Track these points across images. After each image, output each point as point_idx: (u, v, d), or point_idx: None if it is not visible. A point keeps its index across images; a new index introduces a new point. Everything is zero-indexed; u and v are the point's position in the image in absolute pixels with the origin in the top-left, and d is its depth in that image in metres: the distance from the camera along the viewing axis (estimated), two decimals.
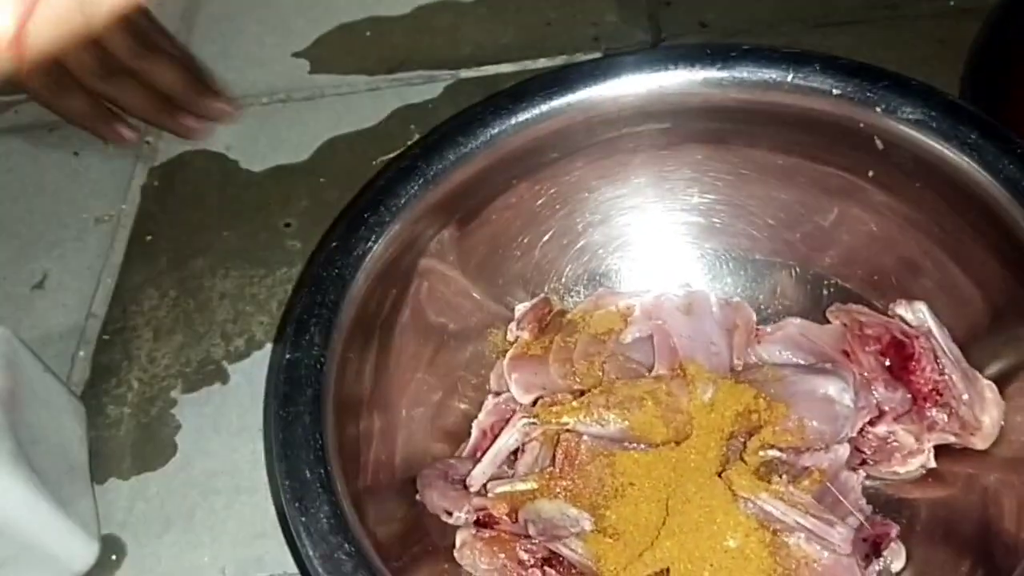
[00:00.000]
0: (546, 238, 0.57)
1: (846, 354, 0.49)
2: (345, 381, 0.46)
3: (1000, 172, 0.43)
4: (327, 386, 0.43)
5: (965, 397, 0.45)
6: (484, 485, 0.50)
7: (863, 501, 0.47)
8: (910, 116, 0.45)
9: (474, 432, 0.52)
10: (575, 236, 0.57)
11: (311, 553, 0.38)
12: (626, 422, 0.47)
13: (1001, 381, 0.46)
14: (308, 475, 0.40)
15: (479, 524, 0.49)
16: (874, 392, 0.48)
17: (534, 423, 0.48)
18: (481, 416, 0.53)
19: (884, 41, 0.68)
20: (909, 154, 0.46)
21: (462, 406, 0.55)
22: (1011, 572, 0.36)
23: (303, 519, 0.38)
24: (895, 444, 0.47)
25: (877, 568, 0.44)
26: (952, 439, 0.46)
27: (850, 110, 0.47)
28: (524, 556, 0.48)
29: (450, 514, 0.49)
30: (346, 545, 0.38)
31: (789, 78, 0.48)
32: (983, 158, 0.43)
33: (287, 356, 0.43)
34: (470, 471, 0.48)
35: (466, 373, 0.56)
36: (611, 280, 0.57)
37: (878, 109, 0.46)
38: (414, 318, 0.51)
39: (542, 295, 0.57)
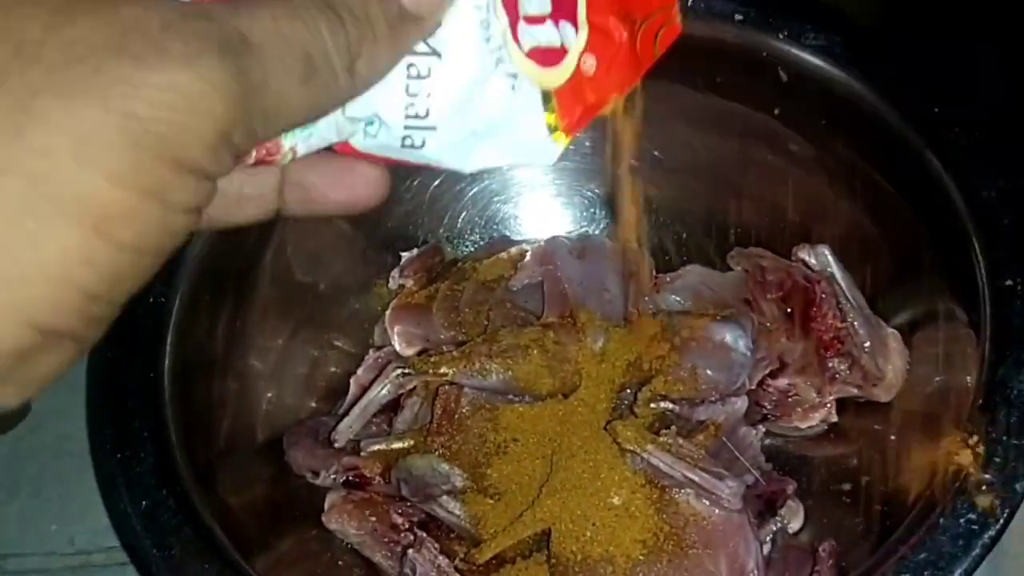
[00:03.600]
0: (437, 182, 0.53)
1: (748, 303, 0.46)
2: (194, 333, 0.42)
3: (904, 102, 0.40)
4: (167, 327, 0.38)
5: (867, 345, 0.42)
6: (358, 444, 0.45)
7: (761, 458, 0.44)
8: (814, 43, 0.42)
9: (352, 388, 0.48)
10: (469, 181, 0.53)
11: (130, 509, 0.33)
12: (510, 372, 0.43)
13: (906, 330, 0.44)
14: (136, 423, 0.35)
15: (350, 486, 0.45)
16: (775, 343, 0.45)
17: (409, 374, 0.44)
18: (360, 371, 0.48)
19: None
20: (814, 86, 0.43)
21: (342, 363, 0.51)
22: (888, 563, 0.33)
23: (124, 469, 0.34)
24: (796, 398, 0.45)
25: (773, 528, 0.41)
26: (855, 391, 0.44)
27: (753, 37, 0.44)
28: (398, 519, 0.44)
29: (316, 474, 0.44)
30: (171, 500, 0.33)
31: (690, 2, 0.44)
32: (887, 87, 0.40)
33: None
34: (336, 429, 0.44)
35: (347, 328, 0.52)
36: (507, 227, 0.54)
37: (781, 35, 0.43)
38: (278, 273, 0.47)
39: (432, 242, 0.53)
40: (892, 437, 0.43)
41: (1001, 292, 0.35)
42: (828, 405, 0.44)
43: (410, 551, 0.40)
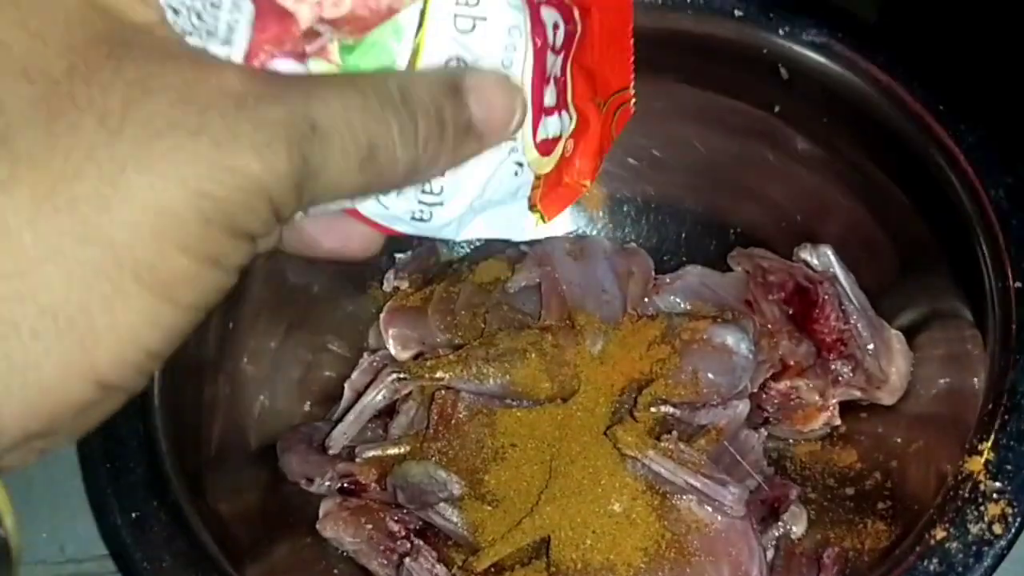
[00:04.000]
0: None
1: (749, 304, 0.45)
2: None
3: (907, 100, 0.39)
4: None
5: (871, 347, 0.41)
6: (353, 450, 0.45)
7: (764, 463, 0.43)
8: (815, 39, 0.41)
9: (346, 392, 0.47)
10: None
11: (119, 521, 0.32)
12: (507, 377, 0.42)
13: (911, 332, 0.43)
14: (124, 432, 0.34)
15: (345, 493, 0.44)
16: (777, 345, 0.44)
17: (404, 378, 0.43)
18: (354, 375, 0.48)
19: None
20: (814, 83, 0.42)
21: (336, 367, 0.50)
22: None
23: (114, 480, 0.33)
24: (799, 401, 0.44)
25: (776, 533, 0.41)
26: (858, 394, 0.43)
27: (753, 34, 0.43)
28: (394, 527, 0.43)
29: (311, 481, 0.44)
30: (162, 511, 0.33)
31: None
32: (889, 85, 0.40)
33: None
34: (330, 436, 0.43)
35: (342, 330, 0.51)
36: None
37: (781, 32, 0.42)
38: (270, 274, 0.46)
39: (427, 244, 0.52)
40: (897, 441, 0.42)
41: (1008, 294, 0.34)
42: (831, 408, 0.43)
43: (407, 560, 0.40)
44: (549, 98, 0.28)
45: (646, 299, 0.46)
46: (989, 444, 0.31)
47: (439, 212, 0.27)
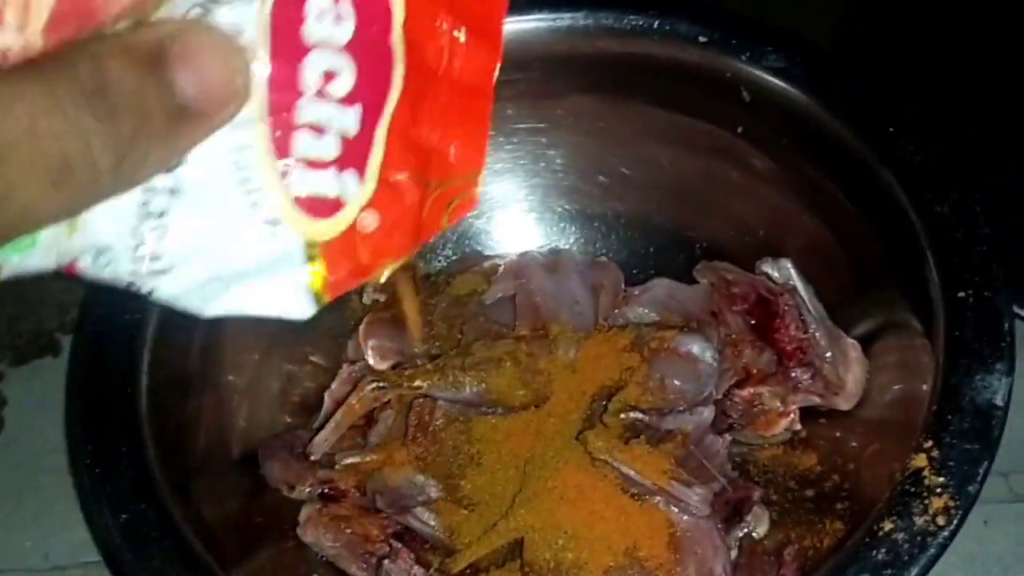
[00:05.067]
0: None
1: (714, 315, 0.47)
2: (170, 349, 0.42)
3: (859, 121, 0.42)
4: (144, 343, 0.39)
5: (828, 355, 0.44)
6: (333, 457, 0.46)
7: (728, 466, 0.45)
8: (774, 64, 0.44)
9: (326, 402, 0.49)
10: None
11: (110, 522, 0.33)
12: (483, 385, 0.44)
13: (866, 341, 0.45)
14: (113, 440, 0.36)
15: (325, 498, 0.45)
16: (740, 354, 0.46)
17: (383, 387, 0.44)
18: (334, 385, 0.49)
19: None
20: (775, 106, 0.45)
21: (316, 378, 0.52)
22: (847, 562, 0.34)
23: (104, 484, 0.34)
24: (761, 407, 0.46)
25: (739, 533, 0.42)
26: (817, 400, 0.45)
27: (716, 59, 0.45)
28: (373, 531, 0.44)
29: (292, 488, 0.45)
30: (151, 513, 0.34)
31: (656, 25, 0.46)
32: (843, 107, 0.42)
33: (96, 312, 0.39)
34: (311, 443, 0.44)
35: (322, 343, 0.53)
36: (479, 242, 0.55)
37: (743, 57, 0.44)
38: None
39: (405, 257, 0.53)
40: (854, 445, 0.44)
41: (954, 303, 0.36)
42: (792, 414, 0.45)
43: (385, 562, 0.41)
44: (316, 149, 0.25)
45: (616, 310, 0.48)
46: (934, 443, 0.33)
47: (166, 283, 0.24)
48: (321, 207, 0.25)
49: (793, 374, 0.45)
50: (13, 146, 0.19)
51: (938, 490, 0.32)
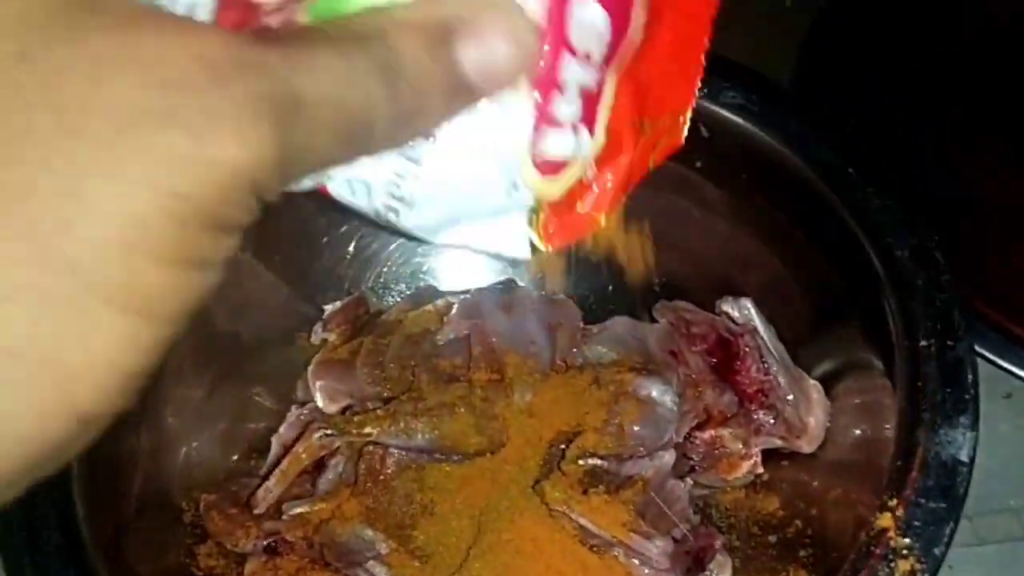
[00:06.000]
0: (361, 233, 0.52)
1: (674, 354, 0.46)
2: None
3: (819, 161, 0.41)
4: None
5: (790, 398, 0.43)
6: (279, 508, 0.44)
7: (690, 511, 0.44)
8: (732, 100, 0.43)
9: (273, 446, 0.47)
10: (394, 231, 0.52)
11: None
12: (436, 431, 0.42)
13: (828, 382, 0.44)
14: (40, 497, 0.33)
15: (271, 552, 0.43)
16: (701, 395, 0.45)
17: (331, 435, 0.42)
18: (282, 429, 0.47)
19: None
20: (732, 141, 0.44)
21: (264, 418, 0.50)
22: None
23: (31, 548, 0.32)
24: (723, 449, 0.45)
25: None
26: (779, 443, 0.44)
27: None
28: None
29: (237, 541, 0.43)
30: None
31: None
32: (802, 146, 0.41)
33: None
34: (255, 495, 0.42)
35: (271, 383, 0.51)
36: (434, 278, 0.53)
37: (702, 92, 0.43)
38: (197, 320, 0.45)
39: (356, 293, 0.52)
40: (816, 488, 0.43)
41: (915, 353, 0.35)
42: (754, 456, 0.44)
43: None
44: (562, 109, 0.24)
45: (574, 349, 0.47)
46: (898, 501, 0.32)
47: (406, 215, 0.25)
48: (555, 167, 0.25)
49: (755, 416, 0.44)
50: (318, 107, 0.20)
51: (904, 551, 0.31)
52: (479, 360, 0.45)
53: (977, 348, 0.43)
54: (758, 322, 0.44)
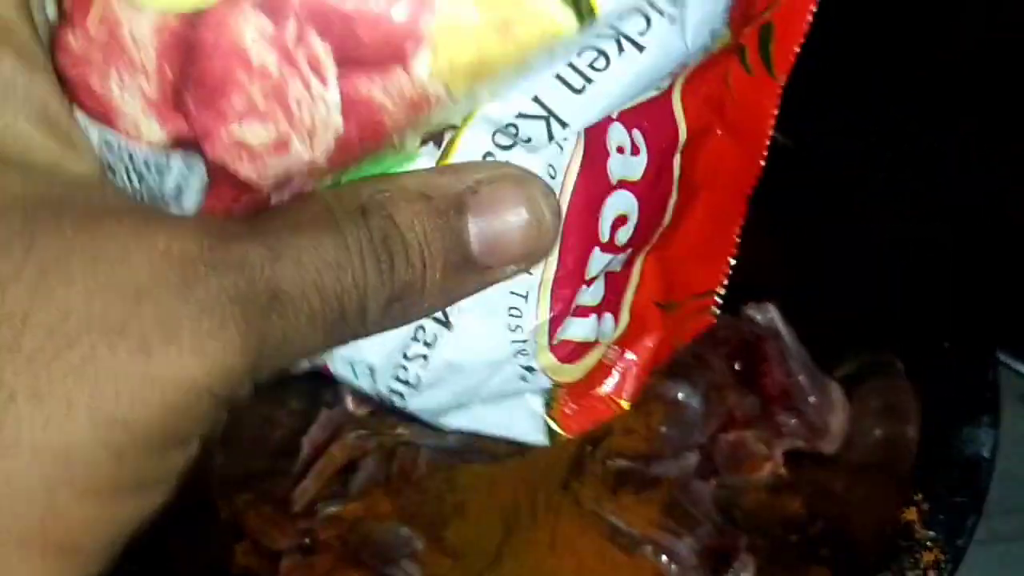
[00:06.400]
0: None
1: (697, 358, 0.47)
2: None
3: (841, 165, 0.42)
4: None
5: (812, 400, 0.44)
6: (313, 507, 0.45)
7: (713, 511, 0.45)
8: None
9: (304, 448, 0.48)
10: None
11: None
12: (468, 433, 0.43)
13: (848, 385, 0.45)
14: None
15: (305, 550, 0.44)
16: (725, 399, 0.46)
17: (366, 434, 0.44)
18: (312, 430, 0.48)
19: None
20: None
21: (293, 424, 0.51)
22: None
23: None
24: (745, 451, 0.46)
25: None
26: (801, 444, 0.45)
27: None
28: None
29: (272, 540, 0.44)
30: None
31: None
32: (823, 150, 0.42)
33: None
34: (292, 493, 0.44)
35: (298, 386, 0.52)
36: None
37: None
38: None
39: None
40: (837, 488, 0.44)
41: (938, 353, 0.36)
42: (776, 457, 0.45)
43: None
44: (586, 297, 0.23)
45: None
46: (923, 496, 0.33)
47: (412, 399, 0.23)
48: (575, 352, 0.24)
49: (778, 419, 0.45)
50: (300, 299, 0.18)
51: (928, 543, 0.32)
52: None
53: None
54: (781, 327, 0.45)
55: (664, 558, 0.40)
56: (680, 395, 0.43)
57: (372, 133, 0.19)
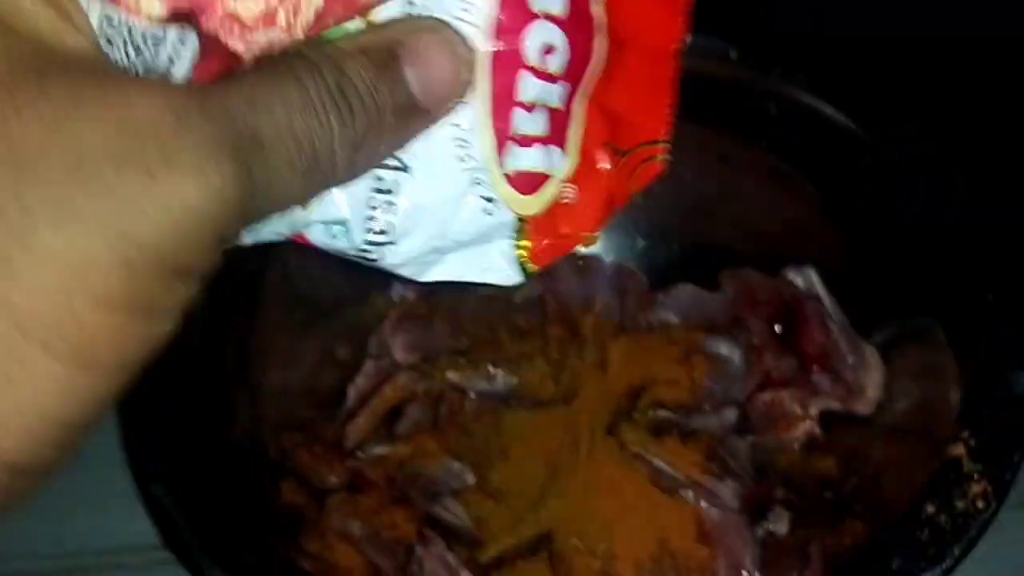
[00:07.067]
0: None
1: (737, 320, 0.48)
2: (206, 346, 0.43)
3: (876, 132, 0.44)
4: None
5: (850, 360, 0.45)
6: (361, 448, 0.46)
7: (749, 468, 0.46)
8: (800, 79, 0.46)
9: (350, 396, 0.49)
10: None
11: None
12: (515, 379, 0.45)
13: (884, 347, 0.46)
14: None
15: (353, 489, 0.45)
16: (762, 359, 0.47)
17: (417, 376, 0.45)
18: (359, 379, 0.50)
19: None
20: (800, 119, 0.47)
21: (339, 374, 0.52)
22: (892, 541, 0.35)
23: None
24: (781, 411, 0.47)
25: (760, 532, 0.43)
26: (837, 405, 0.46)
27: (744, 73, 0.47)
28: (400, 522, 0.45)
29: (320, 478, 0.45)
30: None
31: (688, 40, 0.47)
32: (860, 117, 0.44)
33: None
34: (344, 431, 0.45)
35: (344, 340, 0.53)
36: None
37: (774, 73, 0.46)
38: (282, 289, 0.48)
39: None
40: (872, 449, 0.45)
41: (981, 306, 0.38)
42: (811, 418, 0.47)
43: (417, 547, 0.41)
44: (528, 126, 0.25)
45: (640, 314, 0.50)
46: (969, 432, 0.34)
47: (392, 252, 0.25)
48: (530, 183, 0.26)
49: (814, 379, 0.46)
50: (275, 143, 0.20)
51: (975, 476, 0.33)
52: (553, 317, 0.48)
53: None
54: (820, 289, 0.46)
55: (704, 503, 0.41)
56: (724, 350, 0.45)
57: (347, 6, 0.22)
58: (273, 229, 0.24)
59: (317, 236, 0.25)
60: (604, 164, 0.28)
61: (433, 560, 0.41)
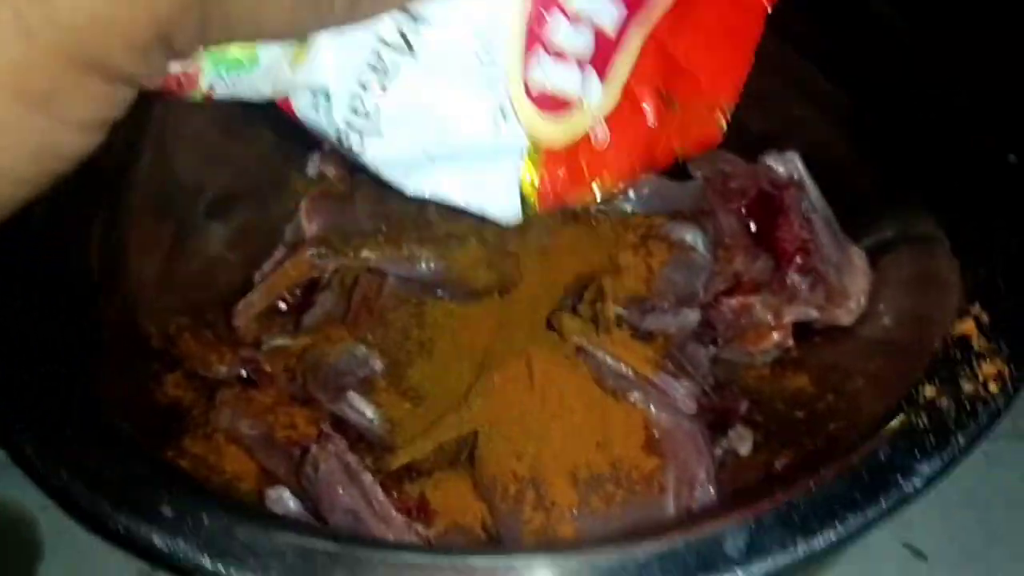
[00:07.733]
0: None
1: (705, 213, 0.42)
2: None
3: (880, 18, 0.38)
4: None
5: (833, 259, 0.39)
6: (258, 340, 0.40)
7: (710, 379, 0.40)
8: None
9: (256, 282, 0.42)
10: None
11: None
12: (443, 262, 0.38)
13: (874, 253, 0.40)
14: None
15: (247, 382, 0.39)
16: (732, 259, 0.41)
17: (324, 254, 0.38)
18: (265, 265, 0.43)
19: None
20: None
21: (245, 261, 0.45)
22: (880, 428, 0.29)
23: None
24: (750, 319, 0.41)
25: (720, 450, 0.37)
26: (814, 314, 0.40)
27: None
28: (299, 422, 0.38)
29: (208, 366, 0.38)
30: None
31: None
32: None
33: None
34: (235, 311, 0.38)
35: (257, 231, 0.46)
36: None
37: None
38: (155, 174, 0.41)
39: None
40: (852, 364, 0.39)
41: (991, 212, 0.32)
42: (784, 328, 0.40)
43: (312, 447, 0.35)
44: (567, 37, 0.22)
45: (598, 204, 0.43)
46: (981, 306, 0.28)
47: (375, 145, 0.23)
48: (554, 104, 0.23)
49: (790, 280, 0.40)
50: None
51: (989, 355, 0.27)
52: None
53: None
54: (804, 176, 0.40)
55: (653, 407, 0.35)
56: (688, 237, 0.38)
57: None
58: (254, 86, 0.21)
59: (302, 106, 0.23)
60: (652, 113, 0.25)
61: (330, 460, 0.34)
